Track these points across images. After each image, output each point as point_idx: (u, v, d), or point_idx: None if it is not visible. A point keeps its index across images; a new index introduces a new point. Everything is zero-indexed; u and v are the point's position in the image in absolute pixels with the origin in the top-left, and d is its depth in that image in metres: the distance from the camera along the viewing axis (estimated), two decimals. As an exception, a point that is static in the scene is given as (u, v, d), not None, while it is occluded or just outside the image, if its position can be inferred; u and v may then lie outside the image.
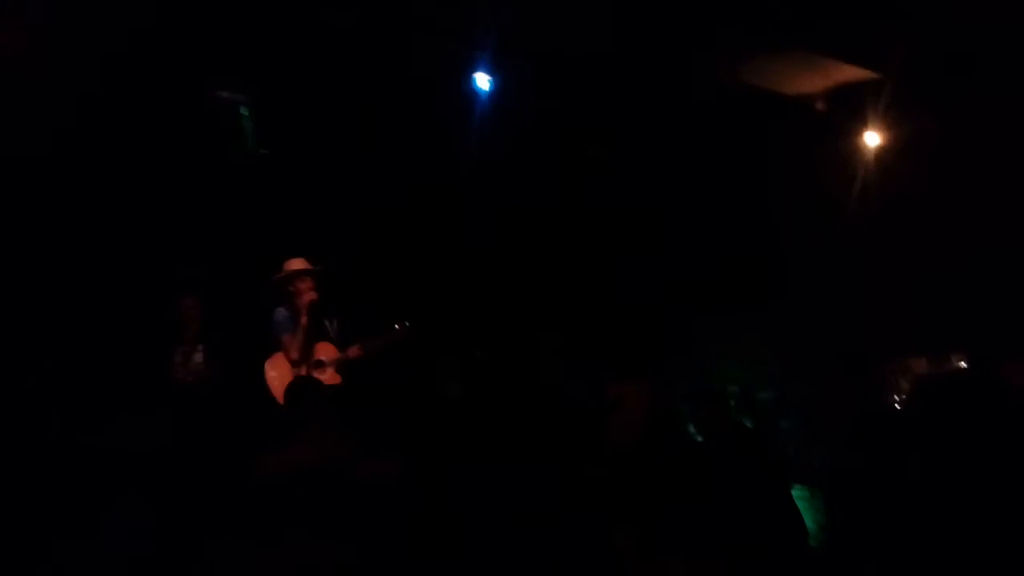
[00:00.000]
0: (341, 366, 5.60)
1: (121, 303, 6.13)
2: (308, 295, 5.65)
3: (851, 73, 5.97)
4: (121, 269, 6.15)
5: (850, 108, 6.21)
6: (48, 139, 5.72)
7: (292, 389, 4.82)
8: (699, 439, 5.71)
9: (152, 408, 5.84)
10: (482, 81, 5.89)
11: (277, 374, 5.64)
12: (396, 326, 5.65)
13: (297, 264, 5.73)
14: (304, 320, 5.58)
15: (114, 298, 6.11)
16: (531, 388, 6.96)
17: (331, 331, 5.68)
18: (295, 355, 5.57)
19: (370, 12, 5.56)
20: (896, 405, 6.76)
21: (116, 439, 5.74)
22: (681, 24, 5.49)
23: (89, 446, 5.67)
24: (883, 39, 5.59)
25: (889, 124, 6.16)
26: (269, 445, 5.40)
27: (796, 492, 5.25)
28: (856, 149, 6.30)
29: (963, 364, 6.53)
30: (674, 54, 5.76)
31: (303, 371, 5.52)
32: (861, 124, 6.19)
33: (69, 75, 5.40)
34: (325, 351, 5.64)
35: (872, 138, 6.19)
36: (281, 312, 5.68)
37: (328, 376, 5.56)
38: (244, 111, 5.85)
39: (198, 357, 5.96)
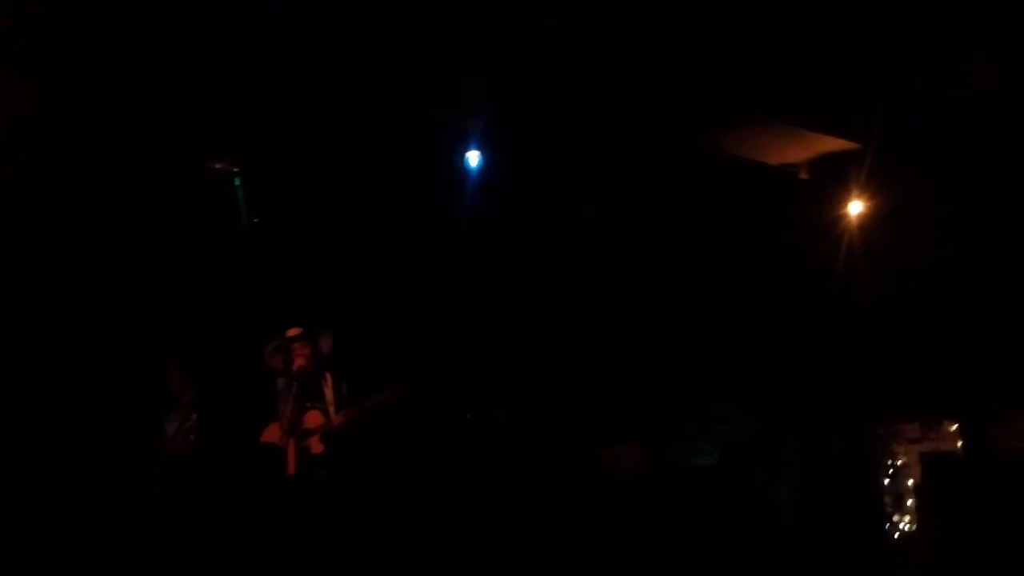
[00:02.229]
0: (325, 435, 5.59)
1: (115, 373, 6.16)
2: (297, 361, 5.68)
3: (831, 144, 6.08)
4: (115, 340, 6.19)
5: (833, 176, 6.30)
6: (42, 210, 5.81)
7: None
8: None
9: (144, 476, 5.85)
10: (472, 158, 6.01)
11: (269, 444, 5.64)
12: (383, 391, 5.60)
13: (291, 332, 5.77)
14: (293, 387, 5.61)
15: (108, 368, 6.14)
16: (522, 453, 6.95)
17: (337, 396, 5.67)
18: (286, 424, 5.57)
19: (361, 86, 5.68)
20: (889, 470, 6.76)
21: (109, 507, 5.75)
22: (663, 96, 5.61)
23: (84, 512, 5.68)
24: (860, 109, 5.71)
25: (872, 192, 6.24)
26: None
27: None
28: (840, 216, 6.38)
29: (954, 429, 6.55)
30: (657, 124, 5.87)
31: (292, 441, 5.51)
32: (844, 192, 6.28)
33: (62, 145, 5.50)
34: (313, 419, 5.64)
35: (855, 206, 6.28)
36: (280, 381, 5.70)
37: (313, 445, 5.55)
38: (237, 181, 5.94)
39: (189, 428, 5.96)
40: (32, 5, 4.69)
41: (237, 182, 5.96)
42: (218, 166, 5.96)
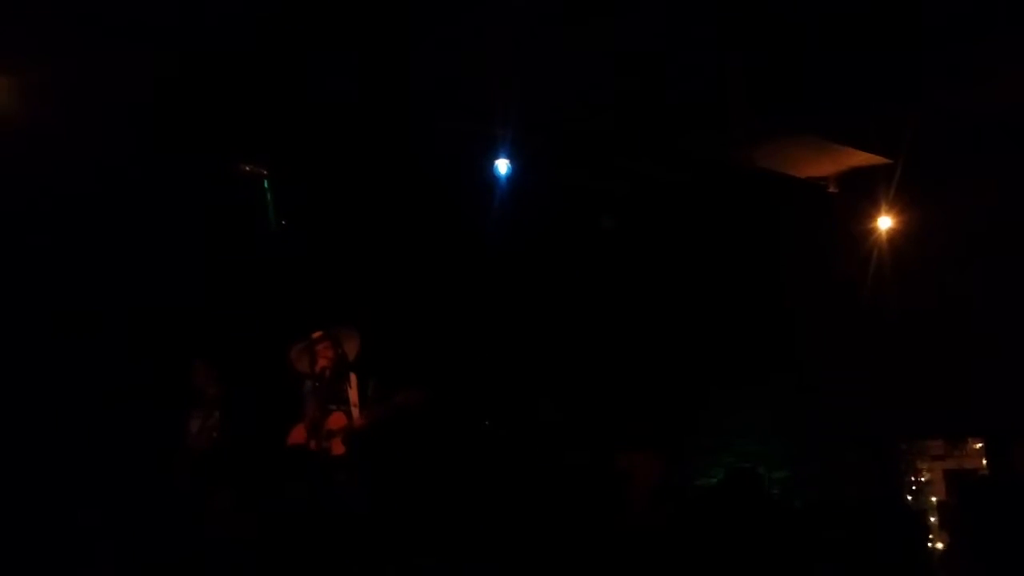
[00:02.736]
0: (347, 436, 5.62)
1: (142, 371, 6.22)
2: (320, 363, 5.71)
3: (860, 158, 6.05)
4: (143, 339, 6.26)
5: (861, 191, 6.27)
6: (72, 211, 5.89)
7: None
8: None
9: (167, 473, 5.90)
10: (502, 166, 6.03)
11: (291, 445, 5.68)
12: (405, 393, 5.60)
13: (316, 333, 5.81)
14: (317, 388, 5.65)
15: (134, 366, 6.21)
16: (538, 458, 6.95)
17: (361, 398, 5.68)
18: (309, 425, 5.61)
19: (392, 93, 5.72)
20: (913, 487, 6.71)
21: (130, 502, 5.80)
22: (693, 108, 5.61)
23: (105, 508, 5.73)
24: (890, 124, 5.68)
25: (900, 206, 6.21)
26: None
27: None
28: (869, 230, 6.35)
29: (979, 446, 6.49)
30: (686, 136, 5.87)
31: (315, 443, 5.54)
32: (873, 206, 6.25)
33: (93, 147, 5.57)
34: (336, 421, 5.67)
35: (884, 221, 6.24)
36: (307, 383, 5.74)
37: (334, 447, 5.58)
38: (266, 184, 5.99)
39: (213, 423, 6.01)
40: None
41: (266, 184, 6.01)
42: (248, 168, 6.01)
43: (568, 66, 5.41)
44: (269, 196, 6.11)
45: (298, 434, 5.67)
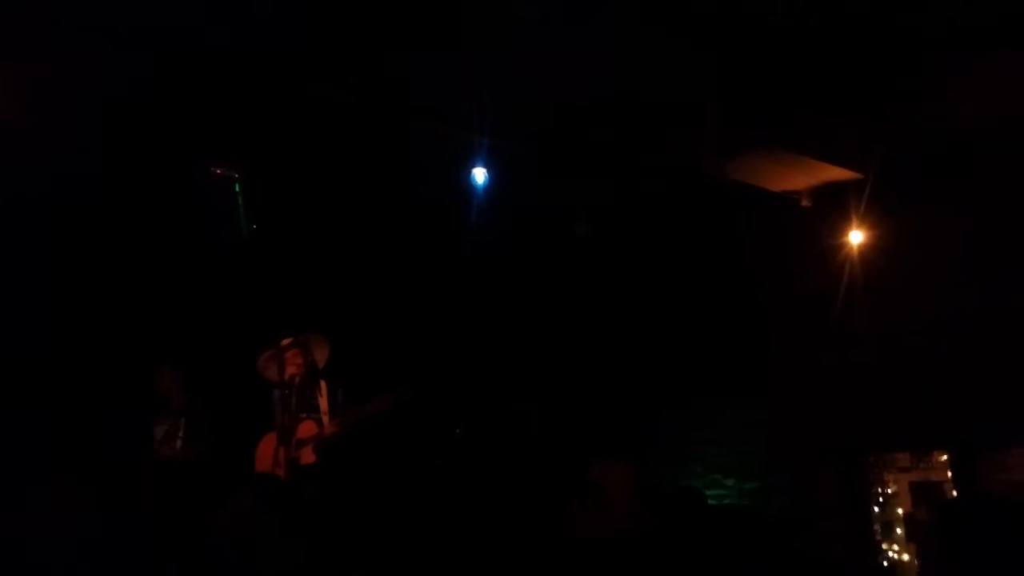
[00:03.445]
0: (317, 444, 5.55)
1: (108, 378, 6.10)
2: (289, 370, 5.64)
3: (834, 172, 6.10)
4: (111, 344, 6.14)
5: (834, 205, 6.32)
6: (38, 212, 5.77)
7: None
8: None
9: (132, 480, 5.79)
10: (479, 175, 5.99)
11: (261, 454, 5.60)
12: (376, 400, 5.54)
13: (285, 341, 5.73)
14: (286, 396, 5.57)
15: (100, 373, 6.09)
16: (511, 465, 6.92)
17: (331, 406, 5.62)
18: (280, 434, 5.53)
19: (366, 96, 5.67)
20: (879, 498, 6.76)
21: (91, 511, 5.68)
22: (666, 119, 5.62)
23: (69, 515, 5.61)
24: (862, 139, 5.74)
25: (872, 221, 6.27)
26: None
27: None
28: (840, 244, 6.40)
29: (944, 459, 6.56)
30: (659, 148, 5.88)
31: (284, 451, 5.47)
32: (845, 220, 6.30)
33: (60, 148, 5.46)
34: (307, 429, 5.60)
35: (856, 235, 6.30)
36: (276, 392, 5.66)
37: (305, 455, 5.51)
38: (237, 187, 5.91)
39: (179, 432, 5.92)
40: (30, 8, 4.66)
41: (238, 188, 5.93)
42: (219, 171, 5.93)
43: (543, 74, 5.40)
44: (240, 200, 6.02)
45: (268, 443, 5.59)
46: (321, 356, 5.75)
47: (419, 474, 6.68)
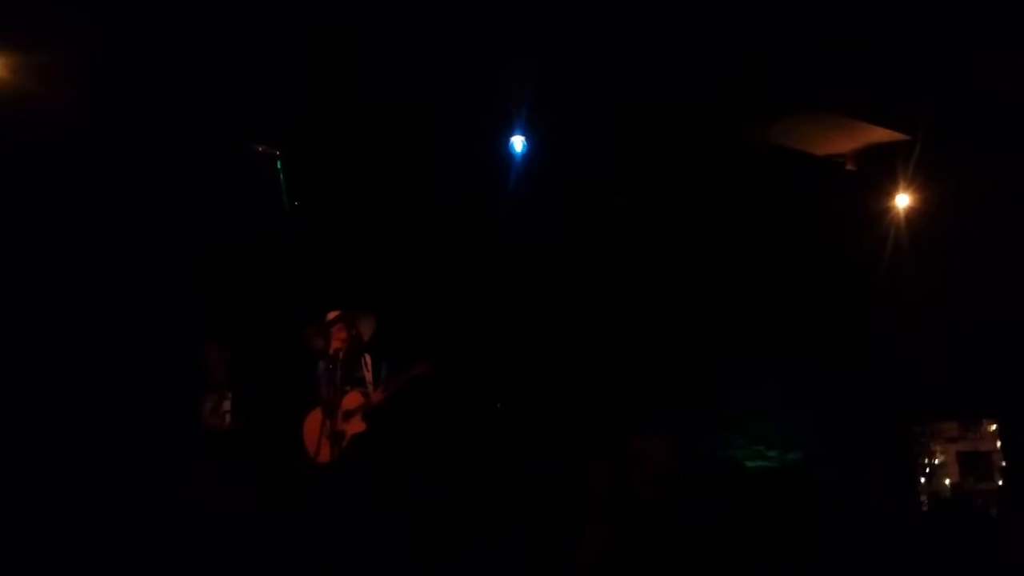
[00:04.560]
0: (366, 413, 5.60)
1: (155, 353, 6.18)
2: (334, 344, 5.70)
3: (880, 134, 6.00)
4: (156, 319, 6.22)
5: (880, 168, 6.22)
6: (86, 191, 5.85)
7: None
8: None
9: (182, 455, 5.87)
10: (518, 143, 5.98)
11: (309, 427, 5.67)
12: (417, 363, 5.62)
13: (330, 315, 5.78)
14: (331, 370, 5.63)
15: (147, 347, 6.17)
16: (549, 438, 6.93)
17: (376, 378, 5.70)
18: (326, 407, 5.59)
19: (406, 70, 5.67)
20: (926, 469, 6.69)
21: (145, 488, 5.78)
22: (710, 83, 5.55)
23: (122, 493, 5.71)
24: (911, 100, 5.63)
25: (919, 184, 6.16)
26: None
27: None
28: (886, 208, 6.30)
29: (992, 428, 6.47)
30: (701, 113, 5.82)
31: (331, 424, 5.52)
32: (891, 184, 6.19)
33: (104, 129, 5.54)
34: (352, 400, 5.66)
35: (902, 199, 6.19)
36: (320, 365, 5.72)
37: (353, 425, 5.57)
38: (279, 164, 5.94)
39: (226, 405, 5.99)
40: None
41: (279, 165, 5.96)
42: (260, 149, 5.96)
43: (583, 44, 5.37)
44: (282, 177, 6.05)
45: (315, 418, 5.65)
46: (367, 330, 5.80)
47: (461, 444, 6.72)
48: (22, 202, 5.71)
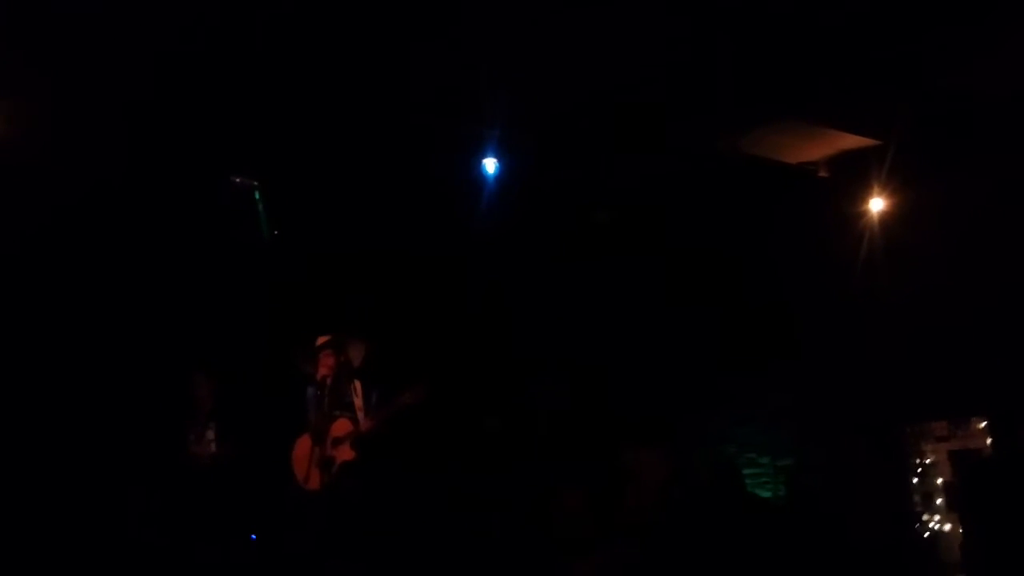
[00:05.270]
0: (355, 441, 5.60)
1: (138, 384, 6.20)
2: (321, 370, 5.71)
3: (852, 141, 6.03)
4: (138, 351, 6.24)
5: (853, 174, 6.25)
6: (64, 224, 5.88)
7: None
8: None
9: (164, 486, 5.89)
10: (490, 165, 6.01)
11: (298, 454, 5.67)
12: (407, 391, 5.63)
13: (320, 340, 5.80)
14: (319, 396, 5.64)
15: (131, 380, 6.19)
16: (545, 456, 6.93)
17: (366, 404, 5.70)
18: (315, 433, 5.59)
19: (378, 94, 5.71)
20: (918, 469, 6.69)
21: (128, 517, 5.79)
22: (678, 97, 5.59)
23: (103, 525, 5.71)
24: (882, 106, 5.65)
25: (893, 189, 6.19)
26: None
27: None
28: (861, 213, 6.32)
29: (983, 426, 6.47)
30: (673, 126, 5.85)
31: (319, 451, 5.53)
32: (865, 188, 6.22)
33: (83, 160, 5.56)
34: (341, 427, 5.66)
35: (876, 203, 6.22)
36: (310, 391, 5.73)
37: (342, 452, 5.57)
38: (257, 194, 5.99)
39: (210, 435, 6.00)
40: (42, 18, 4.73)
41: (257, 195, 6.00)
42: (238, 180, 6.01)
43: (554, 60, 5.39)
44: (261, 207, 6.09)
45: (303, 444, 5.66)
46: (357, 356, 5.81)
47: (453, 463, 6.72)
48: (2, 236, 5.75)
